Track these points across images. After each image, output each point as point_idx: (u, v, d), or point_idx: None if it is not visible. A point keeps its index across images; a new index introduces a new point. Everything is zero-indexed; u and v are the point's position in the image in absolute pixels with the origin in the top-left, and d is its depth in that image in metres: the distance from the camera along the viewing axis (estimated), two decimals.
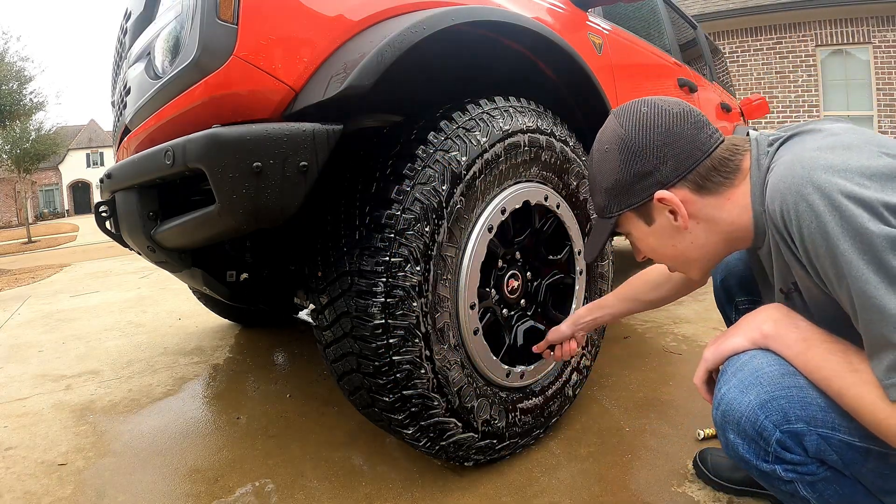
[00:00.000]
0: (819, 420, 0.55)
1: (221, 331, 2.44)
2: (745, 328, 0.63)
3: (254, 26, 0.83)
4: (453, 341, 1.00)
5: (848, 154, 0.53)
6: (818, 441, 0.55)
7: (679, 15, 2.89)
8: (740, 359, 0.61)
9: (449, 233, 0.97)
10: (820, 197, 0.51)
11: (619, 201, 0.70)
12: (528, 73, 1.33)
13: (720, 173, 0.65)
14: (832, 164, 0.52)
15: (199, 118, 0.84)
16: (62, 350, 2.31)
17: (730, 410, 0.58)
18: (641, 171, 0.66)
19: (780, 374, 0.57)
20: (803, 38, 7.56)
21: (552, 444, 1.23)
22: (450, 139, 0.98)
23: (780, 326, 0.60)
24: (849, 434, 0.55)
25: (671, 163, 0.65)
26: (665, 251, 0.72)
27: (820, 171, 0.52)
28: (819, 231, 0.51)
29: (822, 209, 0.51)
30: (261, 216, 0.79)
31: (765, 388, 0.56)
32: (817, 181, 0.52)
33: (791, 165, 0.55)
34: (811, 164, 0.53)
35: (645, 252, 0.76)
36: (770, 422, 0.55)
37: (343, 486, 1.10)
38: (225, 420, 1.47)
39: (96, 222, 1.19)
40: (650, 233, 0.71)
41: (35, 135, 15.29)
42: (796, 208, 0.53)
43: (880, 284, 0.48)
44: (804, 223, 0.52)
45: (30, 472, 1.26)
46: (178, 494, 1.12)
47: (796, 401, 0.55)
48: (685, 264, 0.73)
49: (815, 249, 0.53)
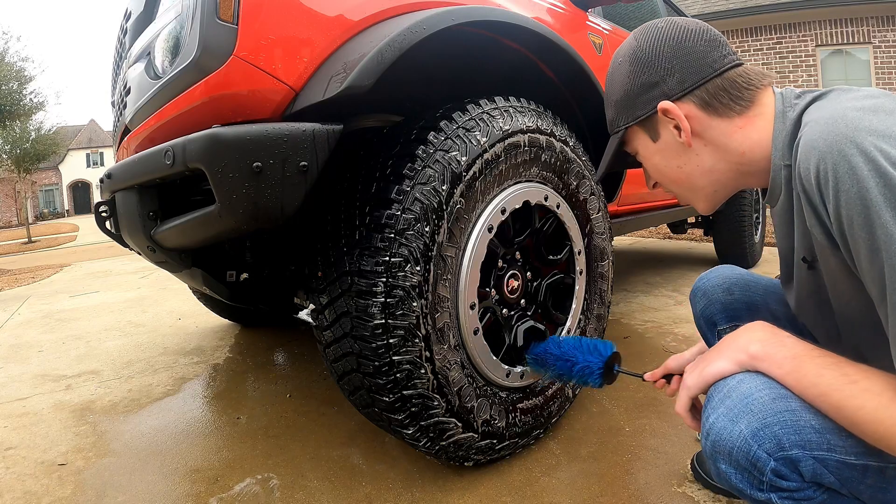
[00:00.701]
0: (814, 443, 0.52)
1: (221, 331, 2.44)
2: (728, 350, 0.59)
3: (254, 26, 0.83)
4: (453, 341, 1.00)
5: (892, 120, 0.49)
6: (814, 465, 0.52)
7: (679, 15, 2.89)
8: (727, 384, 0.57)
9: (449, 233, 0.97)
10: (864, 161, 0.47)
11: (627, 114, 0.69)
12: (529, 73, 1.33)
13: (730, 96, 0.62)
14: (878, 129, 0.48)
15: (199, 118, 0.85)
16: (62, 350, 2.31)
17: (720, 441, 0.54)
18: (648, 81, 0.65)
19: (770, 399, 0.53)
20: (803, 38, 7.56)
21: (552, 444, 1.23)
22: (450, 139, 0.98)
23: (768, 346, 0.57)
24: (845, 453, 0.52)
25: (678, 75, 0.63)
26: (671, 172, 0.69)
27: (865, 133, 0.48)
28: (858, 197, 0.47)
29: (865, 173, 0.46)
30: (261, 216, 0.79)
31: (756, 416, 0.53)
32: (862, 144, 0.47)
33: (832, 123, 0.50)
34: (855, 124, 0.49)
35: (653, 174, 0.74)
36: (764, 451, 0.52)
37: (343, 486, 1.10)
38: (225, 420, 1.48)
39: (96, 222, 1.19)
40: (656, 150, 0.69)
41: (35, 135, 15.30)
42: (835, 169, 0.48)
43: None
44: (842, 186, 0.48)
45: (30, 472, 1.26)
46: (178, 494, 1.12)
47: (790, 426, 0.52)
48: (691, 191, 0.70)
49: (849, 217, 0.48)
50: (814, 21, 7.44)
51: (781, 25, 7.63)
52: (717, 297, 0.86)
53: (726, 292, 0.85)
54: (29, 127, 14.80)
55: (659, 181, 0.74)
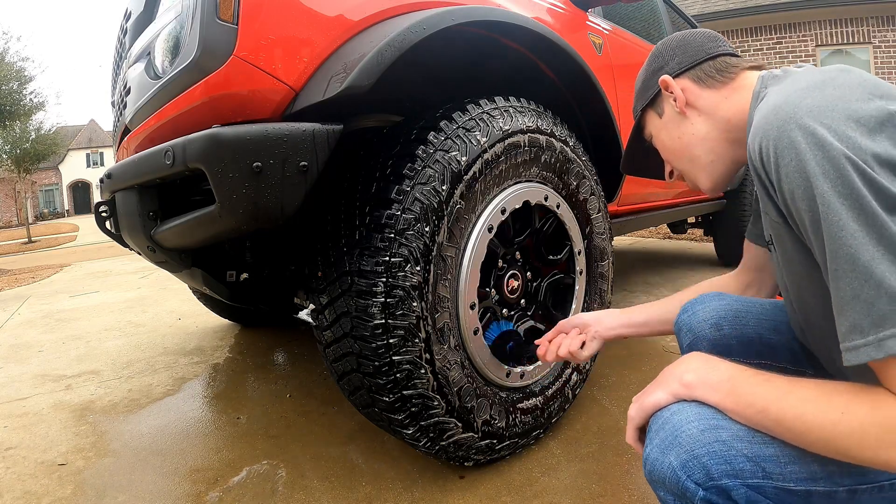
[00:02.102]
0: (747, 471, 0.52)
1: (221, 331, 2.44)
2: (665, 382, 0.60)
3: (254, 26, 0.83)
4: (453, 341, 1.00)
5: (837, 94, 0.51)
6: (748, 492, 0.52)
7: (679, 15, 2.89)
8: (662, 416, 0.58)
9: (449, 233, 0.97)
10: (803, 135, 0.49)
11: (641, 99, 0.81)
12: (529, 73, 1.33)
13: (718, 72, 0.71)
14: (819, 105, 0.50)
15: (199, 118, 0.85)
16: (62, 350, 2.31)
17: (654, 471, 0.56)
18: (656, 67, 0.77)
19: (699, 431, 0.54)
20: (803, 38, 7.56)
21: (552, 444, 1.23)
22: (450, 139, 0.98)
23: (701, 373, 0.58)
24: (783, 480, 0.52)
25: (678, 58, 0.74)
26: (673, 144, 0.77)
27: (805, 110, 0.50)
28: (798, 170, 0.49)
29: (803, 147, 0.48)
30: (261, 216, 0.79)
31: (684, 448, 0.54)
32: (801, 120, 0.49)
33: (776, 103, 0.53)
34: (796, 101, 0.51)
35: (662, 153, 0.81)
36: (692, 482, 0.53)
37: (343, 486, 1.10)
38: (225, 420, 1.48)
39: (96, 222, 1.19)
40: (662, 126, 0.78)
41: (35, 135, 15.29)
42: (776, 145, 0.51)
43: (858, 232, 0.45)
44: (782, 161, 0.50)
45: (30, 472, 1.26)
46: (178, 494, 1.12)
47: (719, 456, 0.52)
48: (691, 162, 0.76)
49: (791, 190, 0.50)
50: (814, 21, 7.43)
51: (781, 25, 7.62)
52: (706, 334, 0.81)
53: (715, 328, 0.81)
54: (29, 127, 14.79)
55: (667, 159, 0.81)
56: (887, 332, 0.44)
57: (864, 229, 0.45)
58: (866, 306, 0.45)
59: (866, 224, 0.45)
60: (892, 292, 0.44)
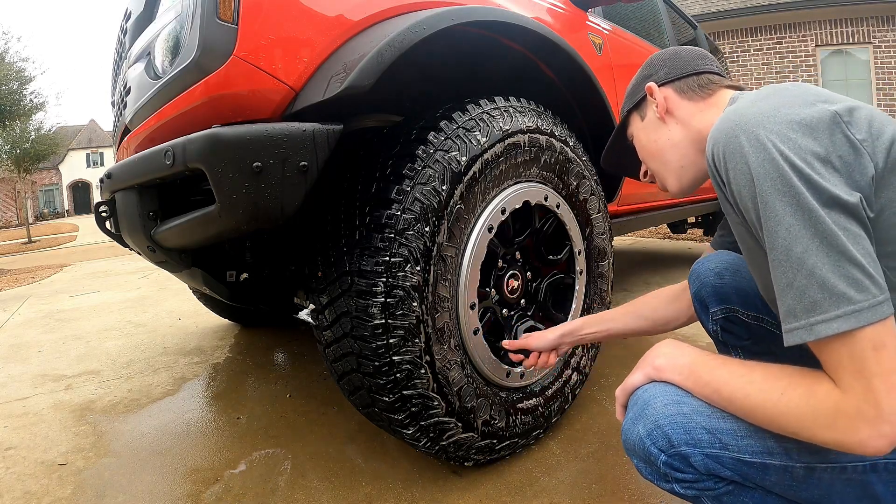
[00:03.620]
0: (705, 441, 0.59)
1: (221, 331, 2.44)
2: (642, 366, 0.69)
3: (254, 26, 0.83)
4: (453, 341, 1.00)
5: (781, 101, 0.55)
6: (705, 460, 0.58)
7: (679, 15, 2.89)
8: (636, 394, 0.66)
9: (449, 233, 0.97)
10: (746, 139, 0.53)
11: (628, 102, 0.87)
12: (529, 73, 1.33)
13: (699, 87, 0.77)
14: (763, 111, 0.54)
15: (199, 118, 0.84)
16: (62, 350, 2.31)
17: (626, 441, 0.64)
18: (646, 74, 0.83)
19: (663, 405, 0.62)
20: (803, 38, 7.55)
21: (552, 444, 1.23)
22: (450, 139, 0.98)
23: (669, 358, 0.66)
24: (739, 452, 0.58)
25: (666, 69, 0.80)
26: (649, 146, 0.82)
27: (750, 117, 0.55)
28: (743, 171, 0.53)
29: (747, 150, 0.53)
30: (261, 216, 0.79)
31: (650, 419, 0.61)
32: (746, 125, 0.54)
33: (727, 115, 0.58)
34: (744, 110, 0.56)
35: (640, 153, 0.86)
36: (656, 448, 0.60)
37: (343, 486, 1.10)
38: (225, 420, 1.48)
39: (96, 222, 1.19)
40: (642, 127, 0.83)
41: (35, 135, 15.29)
42: (724, 150, 0.56)
43: (794, 226, 0.50)
44: (730, 164, 0.55)
45: (30, 472, 1.26)
46: (178, 494, 1.12)
47: (680, 426, 0.59)
48: (663, 165, 0.81)
49: (738, 190, 0.55)
50: (814, 21, 7.43)
51: (781, 25, 7.62)
52: (709, 281, 0.90)
53: (717, 276, 0.90)
54: (29, 127, 14.79)
55: (642, 158, 0.86)
56: (818, 317, 0.49)
57: (800, 223, 0.49)
58: (799, 293, 0.50)
59: (802, 218, 0.49)
60: (823, 281, 0.48)
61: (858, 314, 0.47)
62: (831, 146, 0.51)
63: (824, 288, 0.48)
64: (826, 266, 0.48)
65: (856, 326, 0.47)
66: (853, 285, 0.47)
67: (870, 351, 0.47)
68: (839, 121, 0.52)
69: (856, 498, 0.57)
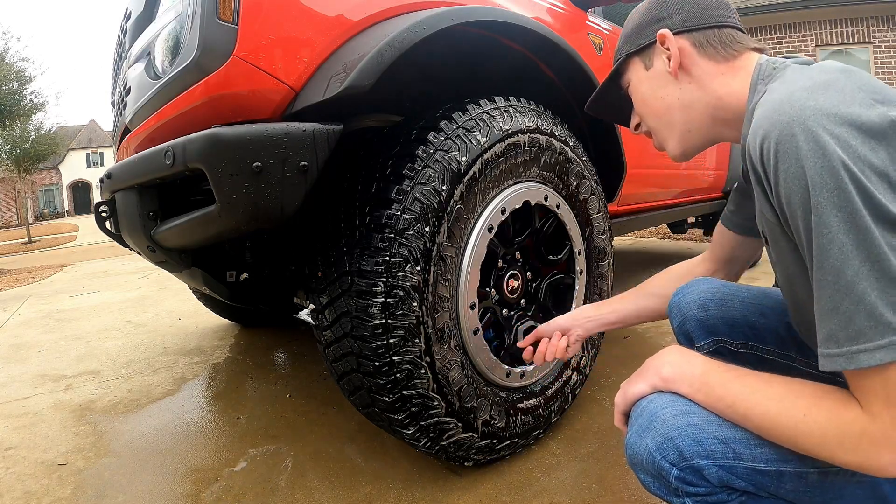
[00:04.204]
0: (718, 452, 0.56)
1: (221, 331, 2.44)
2: (646, 373, 0.64)
3: (254, 26, 0.83)
4: (453, 341, 1.00)
5: (840, 97, 0.50)
6: (719, 472, 0.56)
7: None
8: (640, 404, 0.62)
9: (449, 233, 0.97)
10: (805, 140, 0.48)
11: (631, 43, 0.75)
12: (529, 73, 1.33)
13: (722, 44, 0.67)
14: (822, 108, 0.49)
15: (199, 118, 0.85)
16: (62, 350, 2.31)
17: (633, 455, 0.60)
18: (657, 16, 0.71)
19: (672, 416, 0.58)
20: (803, 38, 7.55)
21: (552, 444, 1.23)
22: (450, 139, 0.98)
23: (677, 367, 0.62)
24: (753, 461, 0.56)
25: (683, 15, 0.69)
26: (654, 103, 0.73)
27: (809, 113, 0.49)
28: (798, 176, 0.48)
29: (805, 153, 0.48)
30: (261, 216, 0.79)
31: (659, 431, 0.58)
32: (805, 123, 0.48)
33: (779, 101, 0.52)
34: (800, 103, 0.50)
35: (637, 107, 0.77)
36: (667, 462, 0.57)
37: (343, 486, 1.10)
38: (225, 420, 1.48)
39: (96, 222, 1.19)
40: (646, 78, 0.73)
41: (35, 135, 15.29)
42: (777, 147, 0.50)
43: (847, 246, 0.46)
44: (782, 164, 0.50)
45: (30, 472, 1.26)
46: (178, 494, 1.12)
47: (691, 438, 0.56)
48: (667, 127, 0.73)
49: (788, 195, 0.50)
50: (814, 21, 7.43)
51: (781, 25, 7.62)
52: (693, 314, 0.86)
53: (701, 308, 0.85)
54: (29, 127, 14.79)
55: (641, 114, 0.77)
56: (860, 346, 0.46)
57: (854, 244, 0.46)
58: (845, 319, 0.47)
59: (856, 239, 0.46)
60: (871, 310, 0.45)
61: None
62: (888, 159, 0.47)
63: (871, 317, 0.45)
64: (875, 293, 0.45)
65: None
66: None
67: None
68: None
69: (865, 498, 0.56)
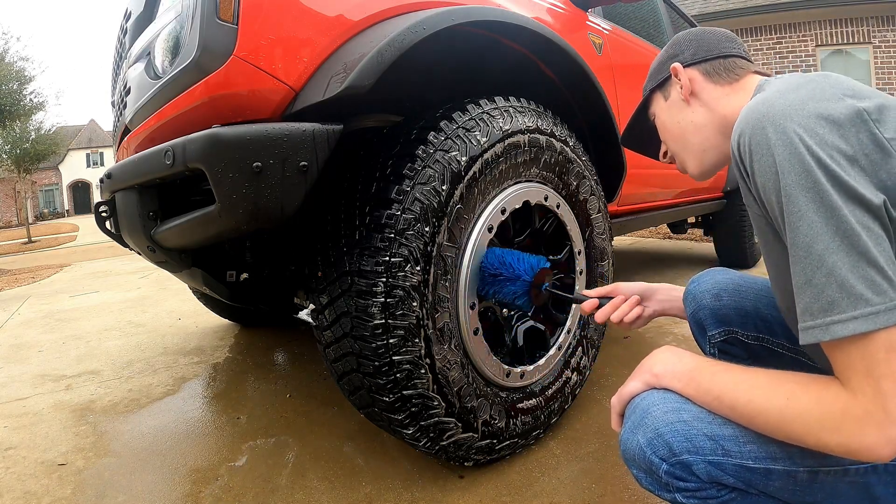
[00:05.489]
0: (707, 448, 0.58)
1: (221, 331, 2.44)
2: (639, 373, 0.67)
3: (254, 26, 0.83)
4: (453, 341, 1.00)
5: (809, 94, 0.54)
6: (708, 467, 0.57)
7: (679, 15, 2.89)
8: (633, 402, 0.65)
9: (449, 233, 0.97)
10: (774, 131, 0.52)
11: (652, 80, 0.85)
12: (529, 73, 1.33)
13: (727, 71, 0.75)
14: (792, 104, 0.53)
15: (199, 118, 0.85)
16: (62, 350, 2.31)
17: (626, 451, 0.63)
18: (671, 54, 0.82)
19: (663, 412, 0.60)
20: (803, 38, 7.55)
21: (552, 444, 1.23)
22: (450, 139, 0.98)
23: (668, 364, 0.64)
24: (742, 458, 0.57)
25: (693, 50, 0.78)
26: (672, 128, 0.81)
27: (778, 108, 0.54)
28: (769, 164, 0.53)
29: (773, 142, 0.52)
30: (261, 216, 0.79)
31: (650, 427, 0.60)
32: (774, 117, 0.53)
33: (755, 104, 0.57)
34: (772, 100, 0.55)
35: (661, 134, 0.85)
36: (657, 457, 0.59)
37: (343, 486, 1.10)
38: (225, 420, 1.48)
39: (96, 222, 1.19)
40: (665, 108, 0.82)
41: (35, 135, 15.30)
42: (751, 140, 0.54)
43: (816, 223, 0.49)
44: (756, 155, 0.54)
45: (30, 472, 1.26)
46: (178, 494, 1.12)
47: (681, 434, 0.58)
48: (685, 148, 0.80)
49: (763, 182, 0.54)
50: (814, 21, 7.43)
51: (781, 25, 7.62)
52: (706, 303, 0.89)
53: (715, 298, 0.88)
54: (29, 127, 14.80)
55: (664, 140, 0.85)
56: (834, 317, 0.48)
57: (823, 220, 0.49)
58: (817, 292, 0.49)
59: (825, 216, 0.49)
60: (842, 281, 0.48)
61: (875, 316, 0.46)
62: (858, 145, 0.50)
63: (843, 288, 0.48)
64: (846, 266, 0.48)
65: (872, 329, 0.46)
66: (871, 287, 0.47)
67: (883, 353, 0.47)
68: (867, 118, 0.51)
69: (857, 499, 0.57)
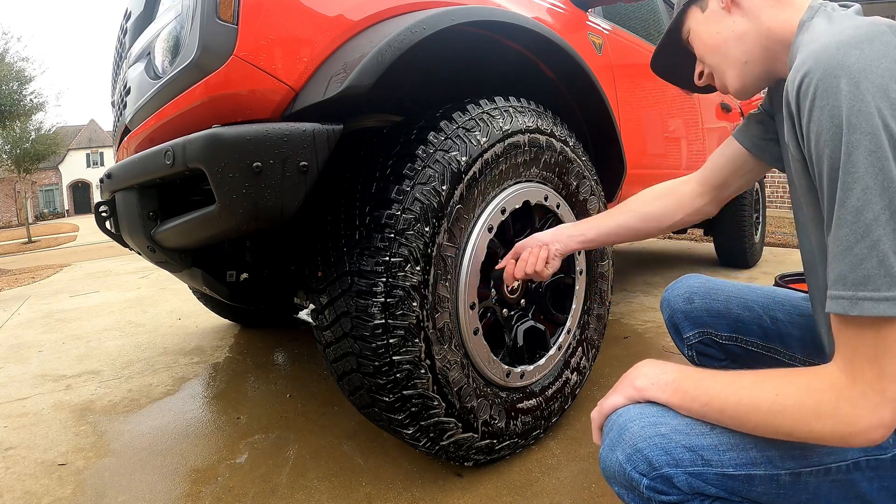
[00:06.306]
0: (686, 460, 0.57)
1: (221, 331, 2.44)
2: (621, 387, 0.66)
3: (254, 26, 0.83)
4: (453, 341, 1.00)
5: (886, 51, 0.50)
6: (689, 479, 0.57)
7: None
8: (611, 418, 0.64)
9: (449, 233, 0.97)
10: (847, 84, 0.49)
11: None
12: (529, 73, 1.33)
13: None
14: (869, 60, 0.49)
15: (199, 118, 0.85)
16: (62, 350, 2.31)
17: (605, 468, 0.62)
18: None
19: (640, 427, 0.59)
20: None
21: (552, 444, 1.23)
22: (450, 139, 0.98)
23: (651, 377, 0.63)
24: (722, 466, 0.57)
25: None
26: (710, 39, 0.76)
27: (854, 60, 0.50)
28: (833, 115, 0.49)
29: (845, 94, 0.49)
30: (261, 216, 0.79)
31: (628, 443, 0.59)
32: (849, 69, 0.49)
33: (826, 45, 0.53)
34: (847, 49, 0.51)
35: (697, 48, 0.79)
36: (637, 472, 0.58)
37: (343, 486, 1.10)
38: (225, 420, 1.48)
39: (96, 222, 1.19)
40: (703, 20, 0.77)
41: (35, 135, 15.31)
42: (818, 85, 0.50)
43: (871, 189, 0.47)
44: (818, 102, 0.50)
45: (30, 472, 1.26)
46: (179, 494, 1.12)
47: (659, 448, 0.58)
48: (725, 59, 0.75)
49: (818, 131, 0.50)
50: None
51: None
52: (679, 307, 0.91)
53: (687, 301, 0.91)
54: (29, 127, 14.81)
55: (700, 55, 0.80)
56: (867, 293, 0.46)
57: (879, 189, 0.46)
58: (856, 261, 0.47)
59: (882, 185, 0.46)
60: (882, 257, 0.46)
61: None
62: None
63: (882, 264, 0.46)
64: (890, 241, 0.45)
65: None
66: None
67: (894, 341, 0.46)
68: None
69: (842, 498, 0.57)
